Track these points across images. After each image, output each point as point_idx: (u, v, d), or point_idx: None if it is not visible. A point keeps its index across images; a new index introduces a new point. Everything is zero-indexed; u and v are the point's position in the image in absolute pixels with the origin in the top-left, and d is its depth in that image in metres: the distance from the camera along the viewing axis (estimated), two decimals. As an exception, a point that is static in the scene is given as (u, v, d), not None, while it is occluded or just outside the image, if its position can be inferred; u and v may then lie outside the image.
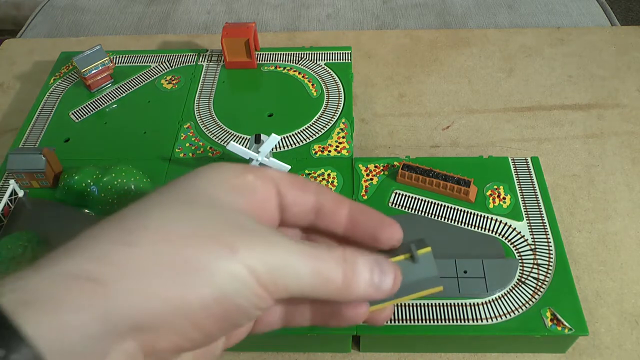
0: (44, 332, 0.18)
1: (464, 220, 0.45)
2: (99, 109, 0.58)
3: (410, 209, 0.46)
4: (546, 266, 0.42)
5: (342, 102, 0.56)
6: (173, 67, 0.62)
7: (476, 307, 0.40)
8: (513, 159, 0.49)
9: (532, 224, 0.44)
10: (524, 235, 0.44)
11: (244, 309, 0.23)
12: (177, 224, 0.22)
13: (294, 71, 0.60)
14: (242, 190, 0.25)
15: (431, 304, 0.40)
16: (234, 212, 0.24)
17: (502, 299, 0.40)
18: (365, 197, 0.47)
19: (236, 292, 0.22)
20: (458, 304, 0.40)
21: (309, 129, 0.54)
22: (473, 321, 0.39)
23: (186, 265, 0.21)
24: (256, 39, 0.61)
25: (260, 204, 0.26)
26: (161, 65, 0.62)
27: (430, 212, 0.45)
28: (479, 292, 0.40)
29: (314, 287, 0.25)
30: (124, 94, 0.59)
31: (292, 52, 0.62)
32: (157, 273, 0.21)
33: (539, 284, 0.41)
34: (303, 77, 0.59)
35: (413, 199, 0.46)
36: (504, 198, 0.46)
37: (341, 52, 0.62)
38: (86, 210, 0.48)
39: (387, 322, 0.39)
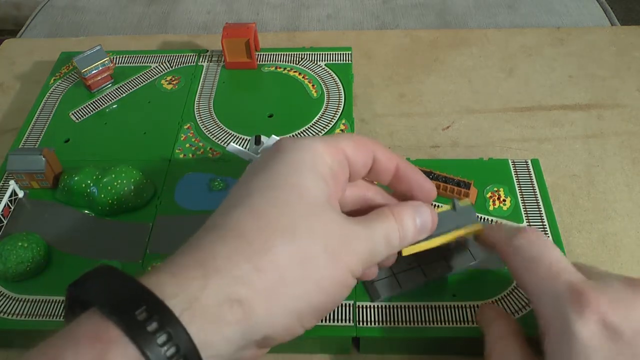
0: (201, 335, 0.24)
1: (464, 221, 0.45)
2: (99, 109, 0.58)
3: (410, 210, 0.46)
4: (546, 267, 0.42)
5: (343, 103, 0.56)
6: (173, 68, 0.62)
7: (477, 309, 0.40)
8: (513, 161, 0.49)
9: (532, 226, 0.44)
10: (524, 236, 0.43)
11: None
12: (295, 246, 0.27)
13: (294, 72, 0.60)
14: (327, 180, 0.30)
15: (431, 305, 0.40)
16: (332, 217, 0.29)
17: (503, 300, 0.40)
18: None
19: (341, 295, 0.28)
20: (458, 305, 0.40)
21: (309, 129, 0.54)
22: (474, 323, 0.39)
23: (309, 284, 0.27)
24: (256, 39, 0.61)
25: (340, 182, 0.31)
26: (161, 66, 0.62)
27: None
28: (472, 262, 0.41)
29: (385, 254, 0.31)
30: (124, 94, 0.59)
31: (292, 53, 0.62)
32: (285, 294, 0.26)
33: (539, 285, 0.41)
34: (303, 77, 0.59)
35: (413, 200, 0.46)
36: (504, 200, 0.46)
37: (341, 52, 0.62)
38: (86, 211, 0.48)
39: (388, 324, 0.39)
